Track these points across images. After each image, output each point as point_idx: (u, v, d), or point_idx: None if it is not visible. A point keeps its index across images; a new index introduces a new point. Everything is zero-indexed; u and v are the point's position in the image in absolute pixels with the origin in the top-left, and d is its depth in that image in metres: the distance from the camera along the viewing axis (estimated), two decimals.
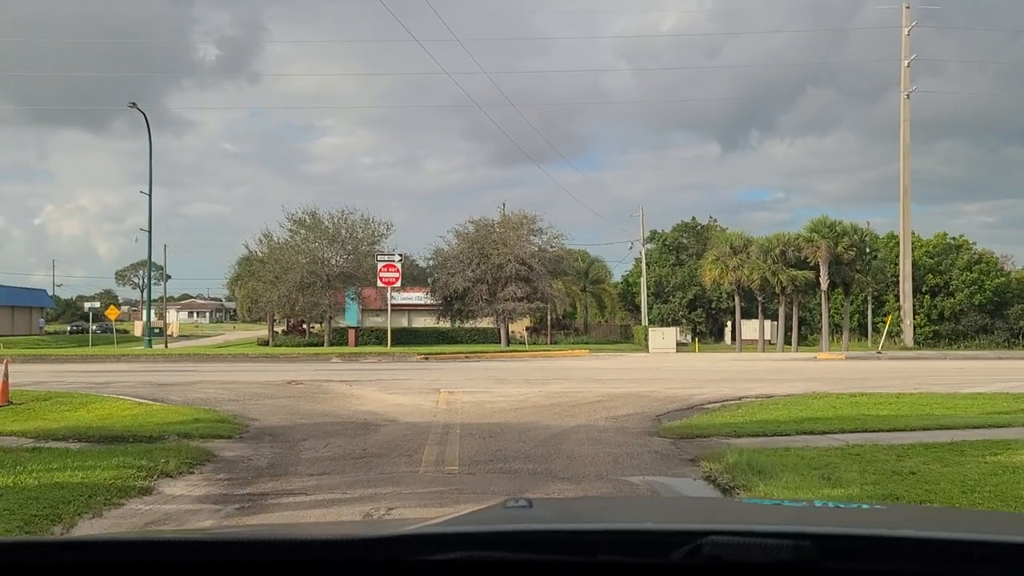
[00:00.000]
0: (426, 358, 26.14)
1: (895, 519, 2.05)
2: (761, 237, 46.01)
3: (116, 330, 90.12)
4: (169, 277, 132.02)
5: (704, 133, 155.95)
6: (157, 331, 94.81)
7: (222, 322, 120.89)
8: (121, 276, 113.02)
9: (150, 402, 13.96)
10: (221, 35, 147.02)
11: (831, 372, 22.89)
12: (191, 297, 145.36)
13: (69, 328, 79.90)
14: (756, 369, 24.11)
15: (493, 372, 21.37)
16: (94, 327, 68.30)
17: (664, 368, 24.58)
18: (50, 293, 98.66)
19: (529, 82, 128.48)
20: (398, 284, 30.46)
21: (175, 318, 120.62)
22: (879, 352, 32.81)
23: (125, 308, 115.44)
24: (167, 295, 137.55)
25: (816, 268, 44.03)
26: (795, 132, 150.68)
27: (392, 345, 43.35)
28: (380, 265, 29.96)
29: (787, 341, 46.83)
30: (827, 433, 10.66)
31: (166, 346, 52.62)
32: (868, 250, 46.39)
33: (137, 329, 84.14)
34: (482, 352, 28.68)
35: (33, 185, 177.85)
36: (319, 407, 13.71)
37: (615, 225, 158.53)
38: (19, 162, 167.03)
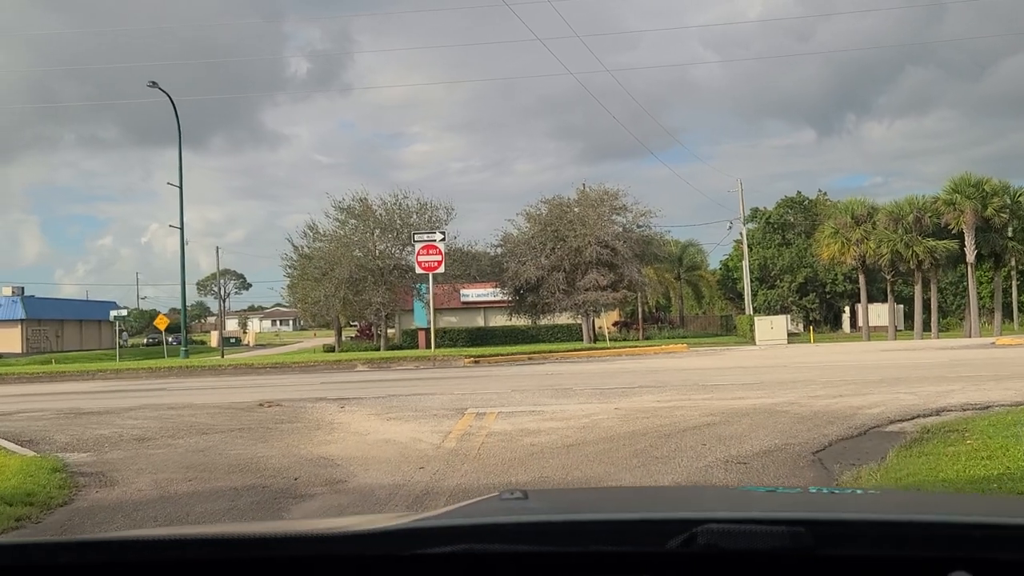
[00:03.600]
0: (476, 362, 20.78)
1: (891, 504, 2.06)
2: (889, 203, 38.66)
3: (193, 341, 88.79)
4: (250, 285, 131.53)
5: (797, 120, 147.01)
6: (233, 340, 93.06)
7: (305, 329, 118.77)
8: (202, 287, 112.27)
9: (10, 447, 9.07)
10: (312, 49, 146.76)
11: None
12: (281, 306, 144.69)
13: (145, 341, 78.47)
14: (921, 363, 17.81)
15: (556, 379, 15.80)
16: (170, 339, 66.11)
17: (789, 365, 18.53)
18: (133, 306, 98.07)
19: (618, 75, 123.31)
20: (441, 270, 25.05)
21: (256, 327, 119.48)
22: None
23: (212, 319, 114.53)
24: (235, 304, 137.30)
25: (959, 236, 36.63)
26: (893, 114, 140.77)
27: (468, 346, 38.21)
28: (419, 247, 24.45)
29: (926, 327, 39.44)
30: None
31: (222, 356, 49.06)
32: (1023, 213, 38.46)
33: (213, 340, 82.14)
34: (550, 352, 23.17)
35: (139, 205, 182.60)
36: (251, 451, 8.51)
37: (710, 214, 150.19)
38: (127, 184, 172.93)
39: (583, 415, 10.29)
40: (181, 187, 34.35)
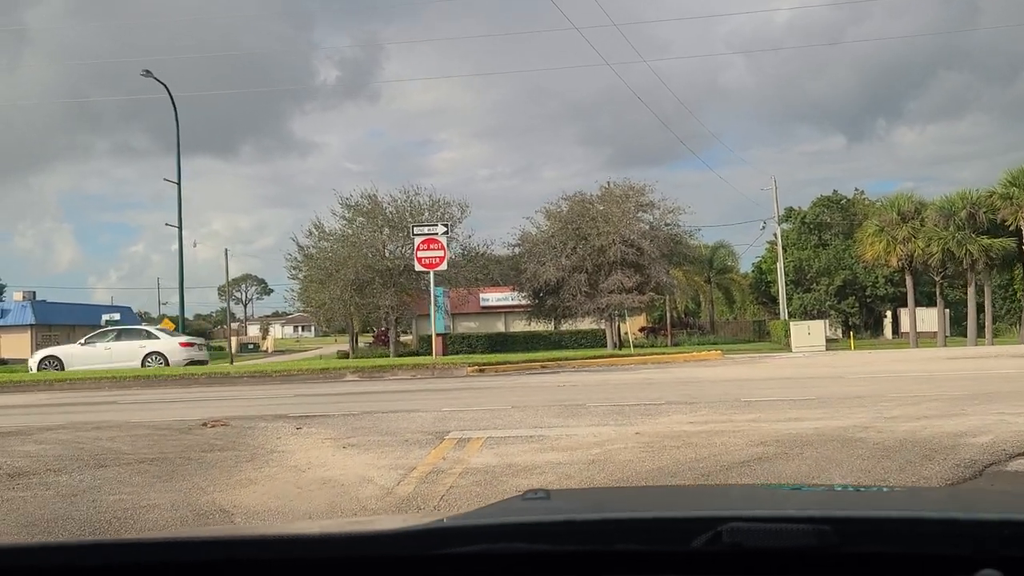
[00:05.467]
0: (481, 370, 18.51)
1: (918, 501, 2.01)
2: (939, 198, 35.85)
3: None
4: (271, 291, 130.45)
5: (827, 126, 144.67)
6: (252, 346, 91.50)
7: (327, 335, 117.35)
8: (223, 292, 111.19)
9: None
10: (341, 57, 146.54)
11: None
12: (305, 312, 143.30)
13: None
14: (1003, 373, 15.30)
15: (569, 392, 13.44)
16: None
17: (843, 376, 16.06)
18: (155, 312, 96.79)
19: (646, 80, 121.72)
20: (443, 267, 22.67)
21: (279, 332, 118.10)
22: None
23: (236, 325, 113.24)
24: (259, 309, 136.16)
25: (1015, 234, 33.79)
26: (925, 118, 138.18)
27: (487, 352, 36.01)
28: (418, 241, 22.04)
29: (980, 333, 36.53)
30: None
31: (232, 362, 47.31)
32: None
33: (232, 346, 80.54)
34: (567, 359, 20.86)
35: (170, 213, 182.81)
36: (137, 498, 6.30)
37: (740, 218, 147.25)
38: (157, 191, 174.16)
39: (594, 443, 7.95)
40: (179, 184, 32.41)
